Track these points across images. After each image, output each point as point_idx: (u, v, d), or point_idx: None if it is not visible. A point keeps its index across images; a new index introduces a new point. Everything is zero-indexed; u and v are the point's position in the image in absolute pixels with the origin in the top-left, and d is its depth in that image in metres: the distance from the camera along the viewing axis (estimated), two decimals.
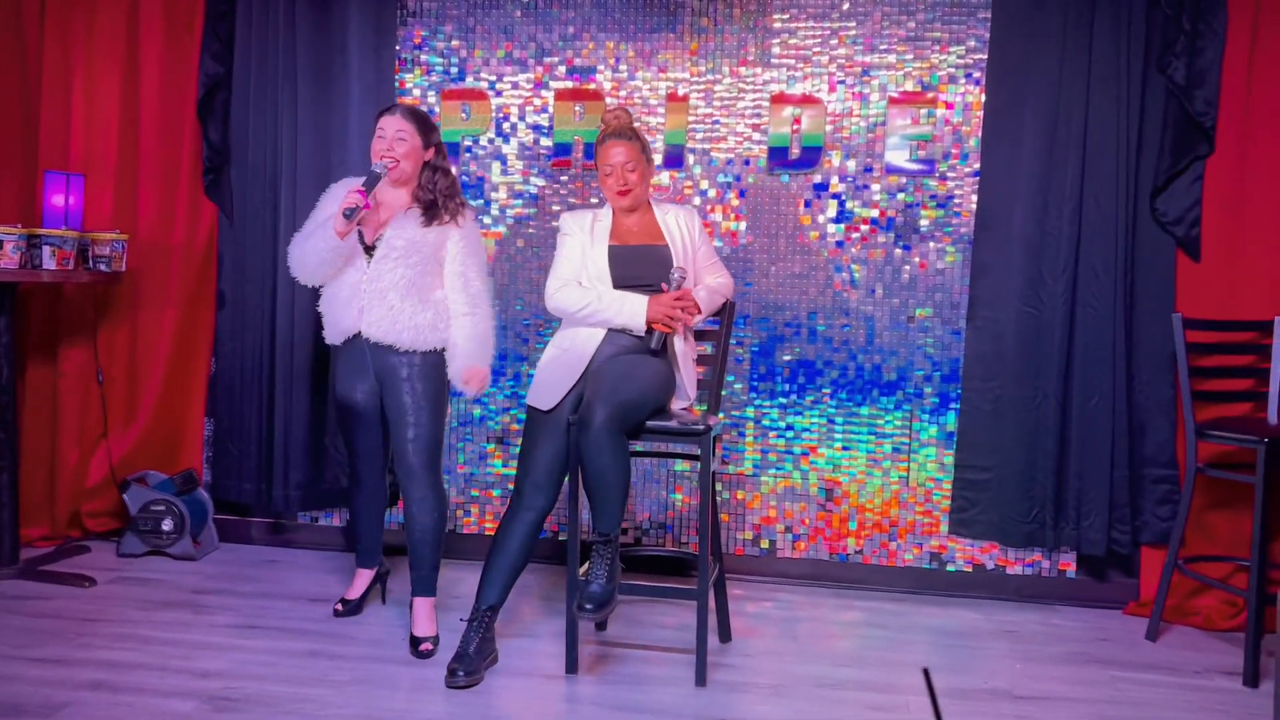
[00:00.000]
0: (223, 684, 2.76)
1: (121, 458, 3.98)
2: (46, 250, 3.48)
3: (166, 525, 3.81)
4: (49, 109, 3.90)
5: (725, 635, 3.20)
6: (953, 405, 3.72)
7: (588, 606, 2.68)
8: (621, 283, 2.99)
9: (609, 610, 2.72)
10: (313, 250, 2.99)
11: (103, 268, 3.69)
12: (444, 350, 3.06)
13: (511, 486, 2.96)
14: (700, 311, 2.99)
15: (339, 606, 3.32)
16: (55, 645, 2.99)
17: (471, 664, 2.79)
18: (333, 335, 3.14)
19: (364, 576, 3.37)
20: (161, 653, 2.97)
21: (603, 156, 3.05)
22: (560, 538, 3.90)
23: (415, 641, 3.06)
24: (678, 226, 3.08)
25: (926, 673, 1.49)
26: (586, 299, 2.96)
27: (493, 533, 3.78)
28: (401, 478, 3.08)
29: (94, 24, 3.91)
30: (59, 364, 3.94)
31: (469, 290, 3.07)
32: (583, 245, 3.04)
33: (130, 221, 3.95)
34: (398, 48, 3.94)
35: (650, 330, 2.92)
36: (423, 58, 3.95)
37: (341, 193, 3.04)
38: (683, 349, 2.99)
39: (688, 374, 3.01)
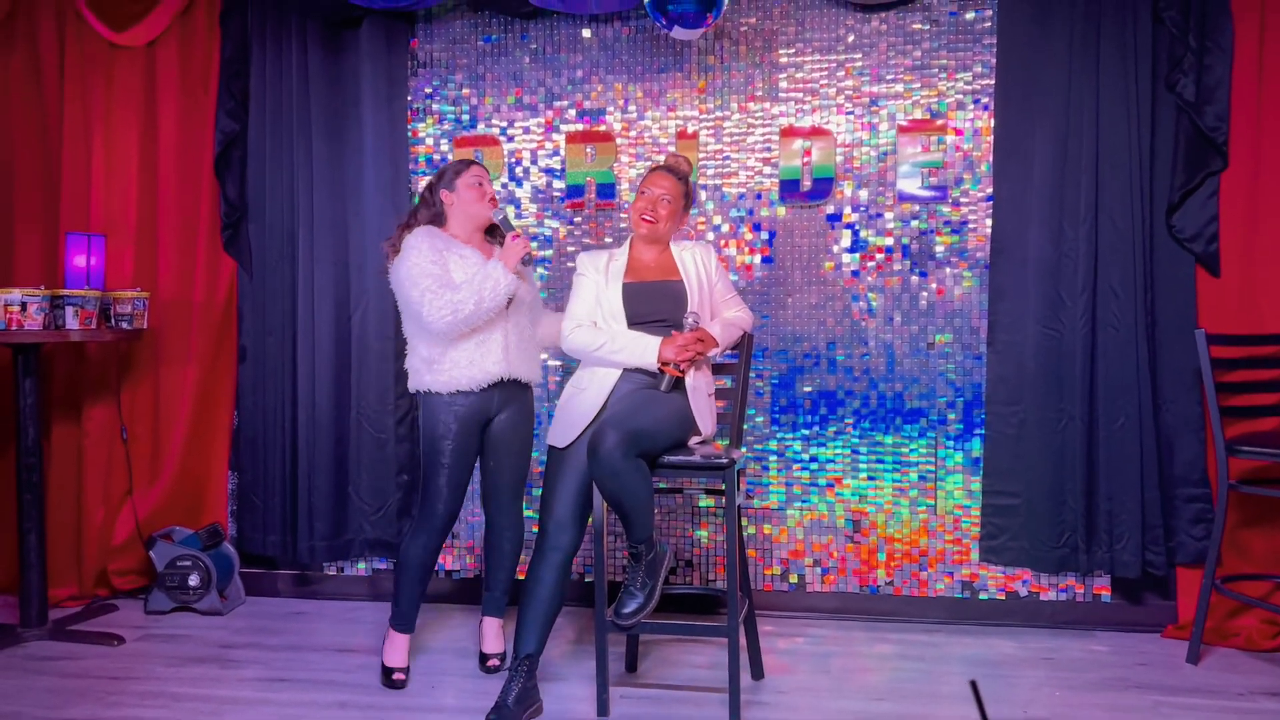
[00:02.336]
0: None
1: (147, 514, 3.99)
2: (69, 310, 3.52)
3: (193, 580, 3.81)
4: (70, 171, 3.97)
5: (758, 672, 3.16)
6: (977, 431, 3.69)
7: (618, 623, 2.78)
8: (636, 320, 2.99)
9: (644, 615, 2.78)
10: (493, 302, 2.99)
11: (125, 326, 3.72)
12: None
13: (534, 530, 2.95)
14: (717, 344, 2.99)
15: (401, 676, 3.14)
16: (85, 705, 2.98)
17: (510, 715, 2.76)
18: (468, 382, 3.03)
19: (406, 642, 3.21)
20: (192, 709, 2.95)
21: (644, 183, 3.10)
22: (586, 579, 3.87)
23: (484, 658, 3.26)
24: (694, 262, 3.08)
25: (974, 685, 1.46)
26: (600, 339, 2.97)
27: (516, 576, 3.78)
28: (505, 506, 3.23)
29: (112, 86, 3.98)
30: (83, 423, 3.96)
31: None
32: (597, 285, 3.05)
33: (151, 279, 3.99)
34: (409, 98, 3.99)
35: (661, 372, 2.92)
36: (434, 107, 4.00)
37: (437, 254, 3.03)
38: (695, 383, 2.97)
39: (702, 409, 2.99)
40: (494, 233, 3.24)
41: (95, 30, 3.92)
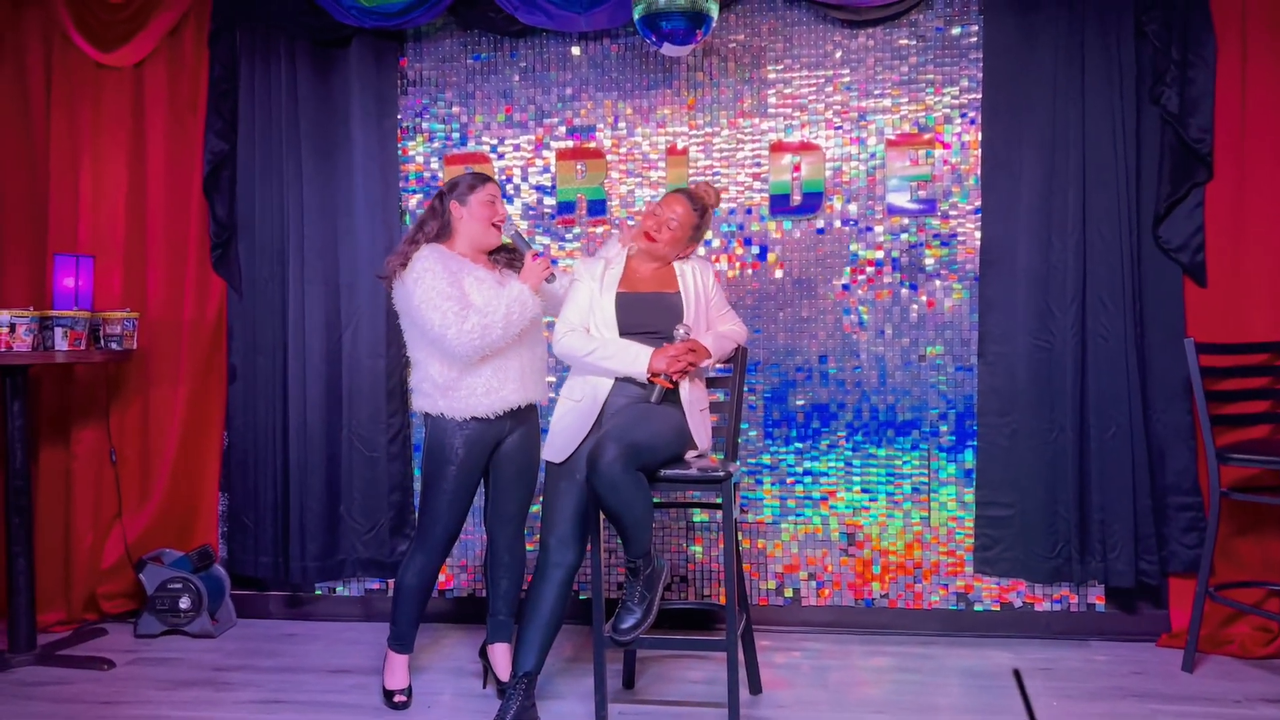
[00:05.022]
0: None
1: (137, 537, 3.95)
2: (58, 331, 3.50)
3: (184, 603, 3.78)
4: (57, 192, 3.94)
5: (755, 687, 3.15)
6: (969, 442, 3.71)
7: (616, 638, 2.75)
8: (628, 330, 2.98)
9: (642, 630, 2.75)
10: (519, 326, 2.95)
11: (114, 346, 3.70)
12: None
13: (531, 547, 2.94)
14: (710, 355, 2.98)
15: (402, 699, 3.11)
16: None
17: None
18: (485, 409, 2.96)
19: (406, 662, 3.17)
20: None
21: (660, 201, 3.09)
22: (582, 596, 3.85)
23: (504, 688, 3.07)
24: (693, 276, 3.08)
25: (1018, 674, 1.47)
26: (591, 345, 2.95)
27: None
28: (509, 530, 3.15)
29: (100, 107, 3.97)
30: (71, 445, 3.93)
31: None
32: (592, 292, 3.03)
33: (140, 299, 3.97)
34: (399, 116, 3.99)
35: (650, 382, 2.91)
36: (424, 125, 4.01)
37: (451, 275, 2.93)
38: (690, 397, 2.97)
39: (698, 423, 2.99)
40: (497, 251, 3.16)
41: (82, 51, 3.91)
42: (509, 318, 2.90)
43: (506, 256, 3.16)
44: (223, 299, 4.03)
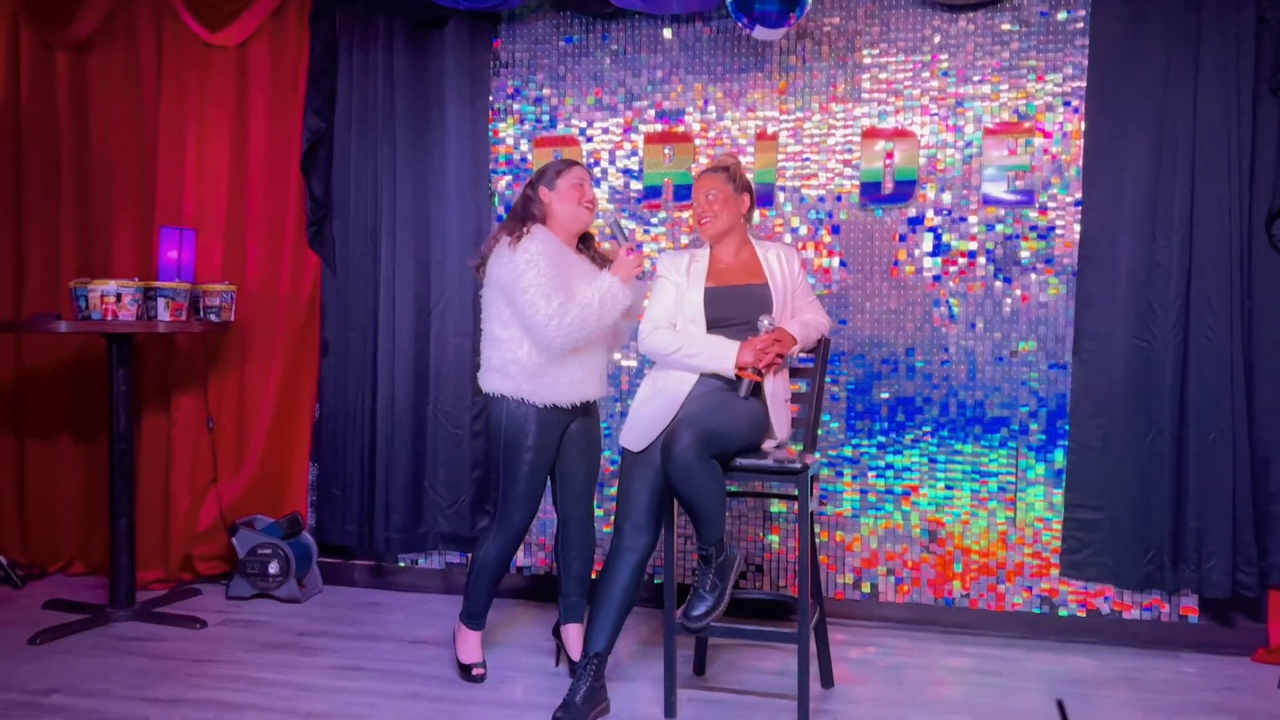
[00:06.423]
0: None
1: (230, 503, 4.10)
2: (161, 302, 3.63)
3: (273, 568, 3.90)
4: (165, 166, 4.09)
5: (827, 680, 3.12)
6: (1060, 442, 3.60)
7: (686, 624, 2.75)
8: (716, 323, 2.97)
9: (713, 618, 2.76)
10: (610, 320, 2.97)
11: (213, 318, 3.83)
12: None
13: (606, 530, 2.95)
14: (796, 342, 2.94)
15: (480, 671, 3.17)
16: (169, 686, 3.08)
17: (578, 713, 2.77)
18: (566, 400, 3.01)
19: (479, 638, 3.25)
20: (268, 694, 3.02)
21: (693, 193, 3.13)
22: (656, 580, 3.86)
23: (575, 667, 3.07)
24: (779, 263, 3.05)
25: (1061, 705, 1.43)
26: (677, 343, 2.95)
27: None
28: (579, 508, 3.20)
29: (206, 84, 4.10)
30: (172, 412, 4.09)
31: None
32: (679, 288, 3.03)
33: (239, 273, 4.10)
34: (491, 98, 4.02)
35: (739, 378, 2.89)
36: (515, 107, 4.03)
37: (560, 266, 2.96)
38: (773, 388, 2.94)
39: (779, 413, 2.96)
40: (586, 240, 3.18)
41: (191, 30, 4.04)
42: (602, 309, 2.92)
43: (601, 255, 3.18)
44: (317, 275, 4.13)
